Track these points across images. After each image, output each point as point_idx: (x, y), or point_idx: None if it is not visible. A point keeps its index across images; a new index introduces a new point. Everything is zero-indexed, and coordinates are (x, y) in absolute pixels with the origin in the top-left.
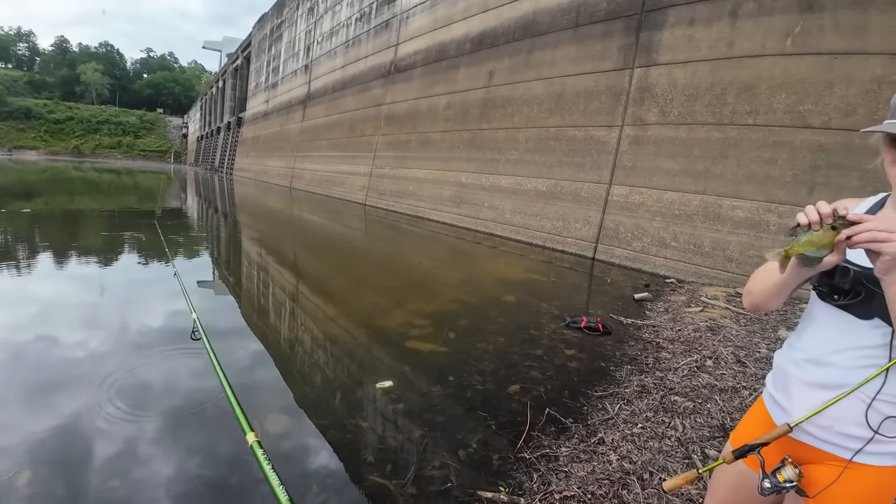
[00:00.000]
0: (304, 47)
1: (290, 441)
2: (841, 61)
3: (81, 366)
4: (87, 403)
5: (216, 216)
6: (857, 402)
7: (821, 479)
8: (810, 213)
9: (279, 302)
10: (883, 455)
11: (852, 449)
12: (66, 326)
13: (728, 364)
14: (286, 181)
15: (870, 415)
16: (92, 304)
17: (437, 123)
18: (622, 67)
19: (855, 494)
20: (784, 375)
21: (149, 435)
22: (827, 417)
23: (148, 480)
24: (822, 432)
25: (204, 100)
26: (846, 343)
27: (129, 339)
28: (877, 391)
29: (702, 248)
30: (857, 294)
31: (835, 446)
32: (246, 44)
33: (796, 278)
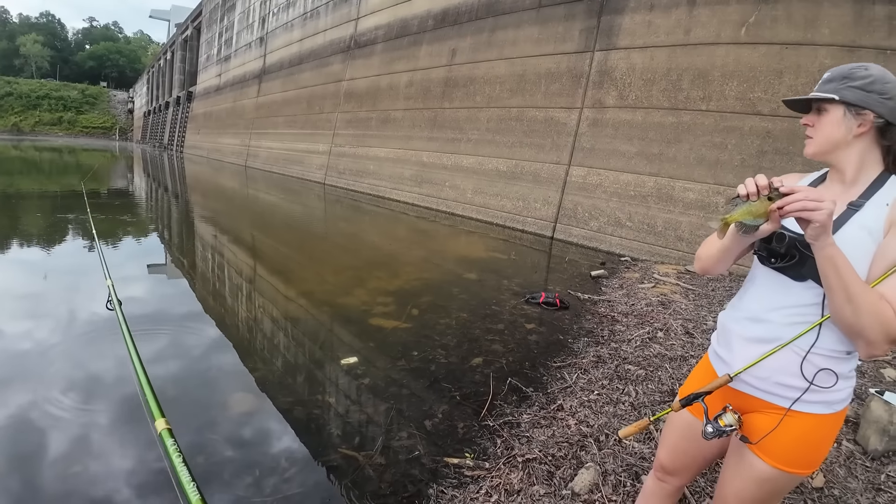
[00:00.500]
0: (259, 18)
1: (257, 419)
2: (791, 52)
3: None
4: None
5: (166, 196)
6: (793, 355)
7: (762, 427)
8: (749, 184)
9: (237, 284)
10: (818, 403)
11: (790, 398)
12: None
13: (677, 335)
14: (241, 159)
15: (805, 367)
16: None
17: (399, 101)
18: (583, 50)
19: (794, 439)
20: (726, 332)
21: (47, 422)
22: (765, 368)
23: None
24: (761, 382)
25: (151, 73)
26: (782, 302)
27: (47, 313)
28: (811, 345)
29: (655, 228)
30: (792, 258)
31: (773, 395)
32: (196, 13)
33: (738, 244)
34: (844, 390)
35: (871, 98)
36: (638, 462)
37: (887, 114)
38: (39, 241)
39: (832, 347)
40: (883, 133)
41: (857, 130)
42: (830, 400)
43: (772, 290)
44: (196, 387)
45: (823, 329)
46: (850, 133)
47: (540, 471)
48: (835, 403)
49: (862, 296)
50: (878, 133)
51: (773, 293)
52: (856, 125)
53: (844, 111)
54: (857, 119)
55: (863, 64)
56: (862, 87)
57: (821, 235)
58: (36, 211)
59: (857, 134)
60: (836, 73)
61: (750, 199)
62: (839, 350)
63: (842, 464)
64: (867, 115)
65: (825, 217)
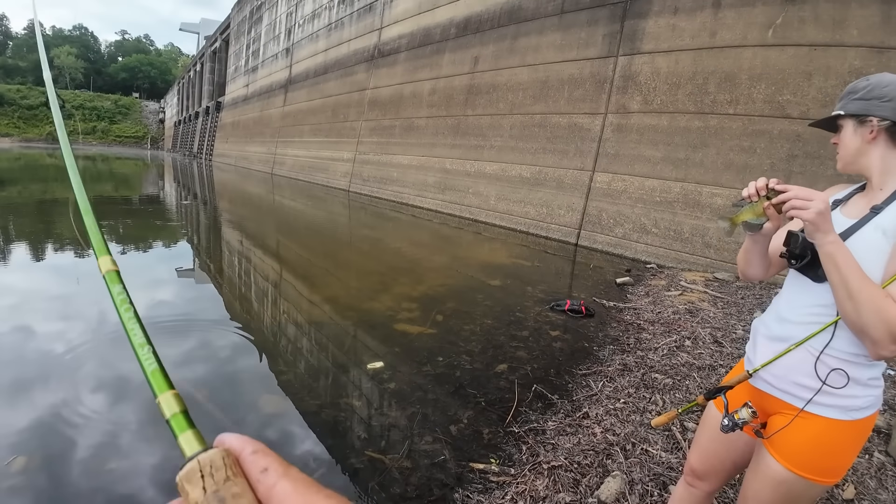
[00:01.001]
0: (286, 30)
1: (285, 420)
2: (820, 53)
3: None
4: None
5: (195, 202)
6: (807, 354)
7: (778, 426)
8: (750, 187)
9: (263, 288)
10: (831, 407)
11: (804, 398)
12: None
13: (706, 344)
14: (267, 167)
15: (818, 367)
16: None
17: (422, 109)
18: (606, 55)
19: (807, 441)
20: (754, 332)
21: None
22: (780, 367)
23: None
24: (777, 380)
25: (181, 84)
26: (800, 301)
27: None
28: (824, 345)
29: (681, 235)
30: (805, 257)
31: (788, 395)
32: (225, 26)
33: (754, 245)
34: (864, 398)
35: (872, 104)
36: (665, 472)
37: (891, 114)
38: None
39: (847, 350)
40: (894, 135)
41: (868, 137)
42: (847, 406)
43: (795, 291)
44: (224, 387)
45: (838, 330)
46: (864, 141)
47: (566, 478)
48: (853, 410)
49: (863, 293)
50: (889, 136)
51: (796, 294)
52: (866, 133)
53: (854, 123)
54: (865, 127)
55: (865, 76)
56: (862, 96)
57: (815, 233)
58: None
59: (869, 140)
60: (845, 91)
61: (752, 200)
62: (855, 353)
63: (873, 475)
64: (871, 120)
65: (813, 215)
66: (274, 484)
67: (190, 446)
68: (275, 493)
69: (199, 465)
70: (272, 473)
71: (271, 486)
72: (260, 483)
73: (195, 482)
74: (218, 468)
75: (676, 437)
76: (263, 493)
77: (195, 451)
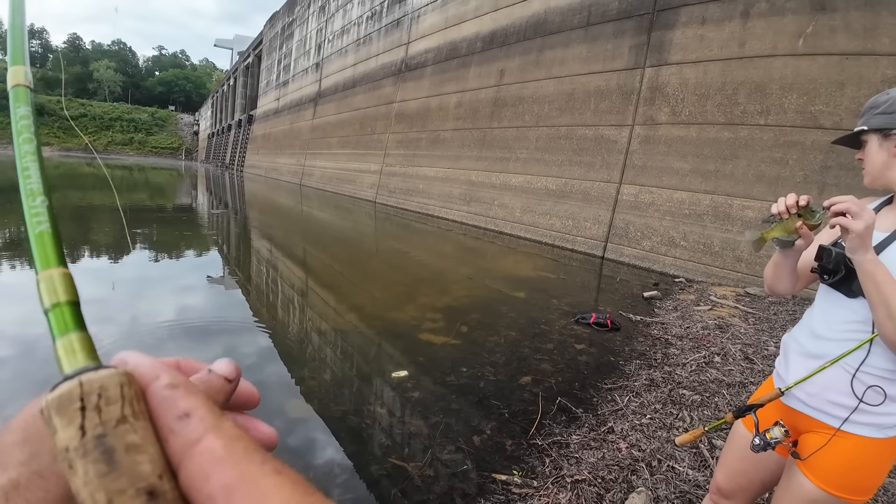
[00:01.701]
0: (315, 45)
1: (310, 425)
2: (852, 62)
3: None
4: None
5: (226, 212)
6: (843, 372)
7: (813, 446)
8: (780, 203)
9: (290, 297)
10: (868, 426)
11: (840, 417)
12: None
13: (736, 360)
14: (296, 178)
15: (854, 385)
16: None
17: (448, 122)
18: (633, 67)
19: (843, 461)
20: (785, 349)
21: None
22: (814, 385)
23: None
24: (811, 399)
25: (215, 97)
26: (835, 317)
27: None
28: (860, 362)
29: (711, 248)
30: (839, 272)
31: (823, 413)
32: (257, 42)
33: (783, 259)
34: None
35: (895, 118)
36: (692, 489)
37: None
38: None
39: (883, 366)
40: None
41: (894, 151)
42: (882, 423)
43: (828, 306)
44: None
45: (874, 347)
46: (890, 155)
47: (589, 492)
48: (887, 428)
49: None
50: None
51: (828, 310)
52: (891, 146)
53: (878, 138)
54: (890, 141)
55: (886, 90)
56: (885, 110)
57: (858, 249)
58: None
59: (895, 154)
60: (866, 106)
61: (781, 217)
62: (892, 370)
63: None
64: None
65: (862, 227)
66: (197, 439)
67: (72, 358)
68: (196, 452)
69: (80, 390)
70: (196, 423)
71: (192, 441)
72: (174, 434)
73: (70, 416)
74: (110, 400)
75: (704, 455)
76: (177, 450)
77: (78, 368)
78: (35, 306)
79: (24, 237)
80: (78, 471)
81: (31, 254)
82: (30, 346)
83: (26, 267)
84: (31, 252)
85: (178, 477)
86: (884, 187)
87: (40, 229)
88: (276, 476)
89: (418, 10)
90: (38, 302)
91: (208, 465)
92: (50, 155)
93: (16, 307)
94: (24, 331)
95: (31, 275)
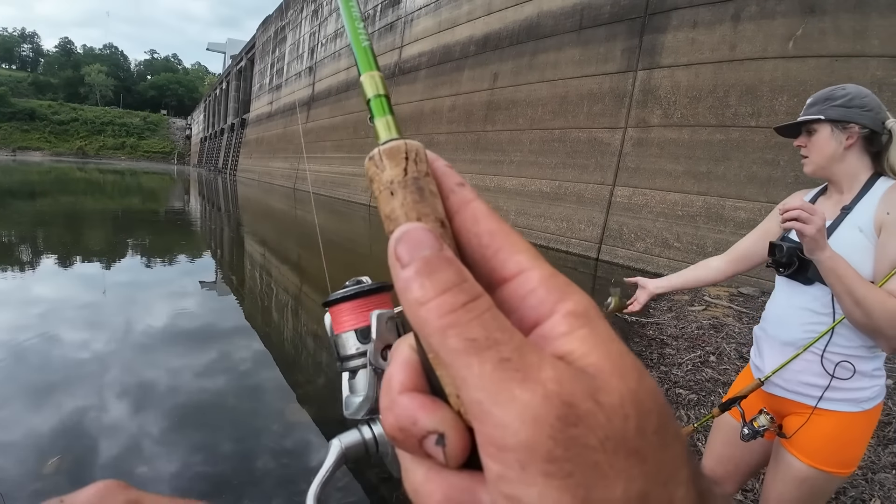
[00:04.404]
0: (309, 49)
1: (309, 430)
2: (842, 64)
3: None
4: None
5: (219, 217)
6: (812, 355)
7: (796, 426)
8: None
9: (283, 301)
10: (842, 401)
11: (815, 396)
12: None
13: (731, 359)
14: (290, 182)
15: (825, 364)
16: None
17: (442, 125)
18: (626, 70)
19: (824, 436)
20: (757, 341)
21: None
22: (789, 370)
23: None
24: (787, 383)
25: (207, 101)
26: (797, 305)
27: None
28: (825, 344)
29: (705, 249)
30: (792, 265)
31: (800, 395)
32: (250, 46)
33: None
34: (870, 388)
35: (853, 112)
36: None
37: (871, 123)
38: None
39: (848, 345)
40: (871, 141)
41: (846, 143)
42: (856, 398)
43: (787, 296)
44: (247, 398)
45: (837, 328)
46: (841, 146)
47: None
48: (862, 402)
49: (869, 298)
50: (865, 142)
51: (789, 298)
52: (844, 138)
53: (832, 128)
54: (844, 133)
55: (840, 85)
56: (843, 104)
57: (815, 249)
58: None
59: (847, 146)
60: (818, 98)
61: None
62: (856, 346)
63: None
64: (853, 127)
65: (814, 231)
66: (471, 199)
67: (386, 132)
68: (470, 207)
69: (405, 146)
70: (468, 189)
71: (467, 200)
72: (454, 194)
73: (397, 160)
74: (421, 159)
75: (702, 453)
76: (454, 204)
77: (393, 136)
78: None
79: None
80: (398, 196)
81: (356, 60)
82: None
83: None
84: (356, 59)
85: (452, 224)
86: (825, 177)
87: (365, 44)
88: (520, 235)
89: (412, 13)
90: (361, 93)
91: (479, 215)
92: (41, 160)
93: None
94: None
95: (23, 280)
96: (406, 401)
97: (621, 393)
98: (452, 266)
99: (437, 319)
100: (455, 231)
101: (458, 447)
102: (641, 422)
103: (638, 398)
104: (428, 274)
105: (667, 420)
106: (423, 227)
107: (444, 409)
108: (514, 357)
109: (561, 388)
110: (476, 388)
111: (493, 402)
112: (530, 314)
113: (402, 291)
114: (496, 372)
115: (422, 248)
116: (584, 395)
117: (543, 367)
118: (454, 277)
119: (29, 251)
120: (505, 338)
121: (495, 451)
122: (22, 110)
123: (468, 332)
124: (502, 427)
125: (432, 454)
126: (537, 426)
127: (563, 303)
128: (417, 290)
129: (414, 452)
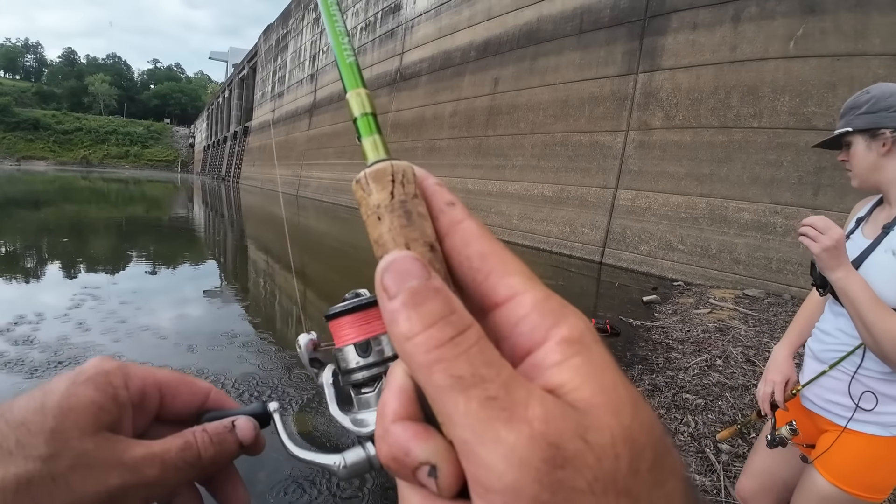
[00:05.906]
0: (310, 57)
1: (319, 433)
2: (843, 63)
3: None
4: None
5: (222, 224)
6: (842, 374)
7: (827, 444)
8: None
9: (287, 308)
10: (871, 424)
11: (845, 417)
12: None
13: (738, 363)
14: (293, 189)
15: (853, 386)
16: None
17: (443, 130)
18: (626, 73)
19: (852, 457)
20: (805, 353)
21: None
22: (819, 387)
23: None
24: (817, 398)
25: (210, 110)
26: (833, 324)
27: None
28: (857, 366)
29: (709, 251)
30: (827, 285)
31: (830, 413)
32: (252, 54)
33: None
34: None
35: (881, 117)
36: (698, 494)
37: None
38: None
39: (878, 369)
40: None
41: (882, 150)
42: (885, 422)
43: (831, 313)
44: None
45: (868, 351)
46: (878, 154)
47: None
48: (891, 426)
49: (877, 324)
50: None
51: (831, 316)
52: (879, 146)
53: (865, 138)
54: (877, 140)
55: (865, 89)
56: (868, 110)
57: (826, 268)
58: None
59: (884, 153)
60: (846, 107)
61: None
62: (887, 371)
63: None
64: (884, 132)
65: (819, 250)
66: (461, 219)
67: (374, 152)
68: (460, 228)
69: (391, 168)
70: (459, 209)
71: (457, 220)
72: (444, 214)
73: (383, 184)
74: (409, 181)
75: (710, 460)
76: (444, 225)
77: (381, 157)
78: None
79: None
80: (385, 221)
81: (341, 77)
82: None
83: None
84: (341, 76)
85: (442, 246)
86: (873, 188)
87: (349, 61)
88: (514, 254)
89: (412, 20)
90: (348, 111)
91: (469, 237)
92: (45, 169)
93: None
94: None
95: (18, 289)
96: (399, 430)
97: (612, 431)
98: (440, 296)
99: (424, 355)
100: (446, 253)
101: (450, 479)
102: (634, 460)
103: (631, 435)
104: (414, 306)
105: (663, 455)
106: (411, 256)
107: (436, 439)
108: (500, 395)
109: (548, 427)
110: (462, 427)
111: (479, 443)
112: (523, 341)
113: (389, 324)
114: (482, 411)
115: (409, 278)
116: (572, 434)
117: (531, 405)
118: (441, 309)
119: (34, 259)
120: (492, 374)
121: (483, 491)
122: (26, 120)
123: (454, 368)
124: (487, 469)
125: (425, 485)
126: (523, 469)
127: (557, 328)
128: (404, 323)
129: (409, 481)
